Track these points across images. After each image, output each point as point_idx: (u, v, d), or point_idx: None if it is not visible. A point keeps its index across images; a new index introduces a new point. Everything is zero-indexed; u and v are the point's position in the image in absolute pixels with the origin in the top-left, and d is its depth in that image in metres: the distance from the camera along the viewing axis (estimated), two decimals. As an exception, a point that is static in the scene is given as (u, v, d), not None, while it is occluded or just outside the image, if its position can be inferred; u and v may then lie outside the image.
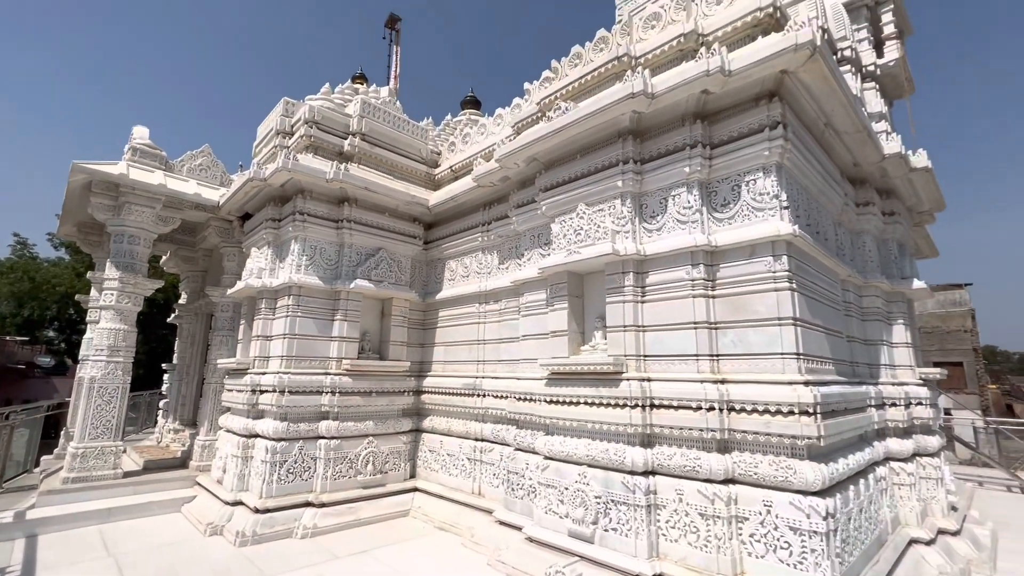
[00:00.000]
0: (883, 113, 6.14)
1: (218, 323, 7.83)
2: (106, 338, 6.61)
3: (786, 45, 3.59)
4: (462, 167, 7.23)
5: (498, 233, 6.32)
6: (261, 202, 6.80)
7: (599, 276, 4.83)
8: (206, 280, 9.44)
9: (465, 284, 6.76)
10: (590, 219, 4.76)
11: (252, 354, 6.37)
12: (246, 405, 6.02)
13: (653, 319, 4.32)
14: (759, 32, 4.26)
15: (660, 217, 4.48)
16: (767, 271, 3.83)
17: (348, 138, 6.95)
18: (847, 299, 5.13)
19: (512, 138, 5.92)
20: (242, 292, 6.65)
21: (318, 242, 6.37)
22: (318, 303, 6.26)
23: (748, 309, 3.89)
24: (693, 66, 4.02)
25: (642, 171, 4.59)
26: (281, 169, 5.87)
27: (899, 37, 6.55)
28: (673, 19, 4.78)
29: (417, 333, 7.27)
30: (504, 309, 6.10)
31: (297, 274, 6.12)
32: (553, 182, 5.20)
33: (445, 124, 10.07)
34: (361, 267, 6.52)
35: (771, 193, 3.94)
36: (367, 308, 6.74)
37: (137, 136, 7.58)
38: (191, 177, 7.69)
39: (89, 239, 8.76)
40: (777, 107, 3.94)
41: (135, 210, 6.79)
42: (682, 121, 4.41)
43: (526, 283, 5.51)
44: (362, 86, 8.50)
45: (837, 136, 4.75)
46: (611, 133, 4.72)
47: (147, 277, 6.99)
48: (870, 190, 5.58)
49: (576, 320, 4.98)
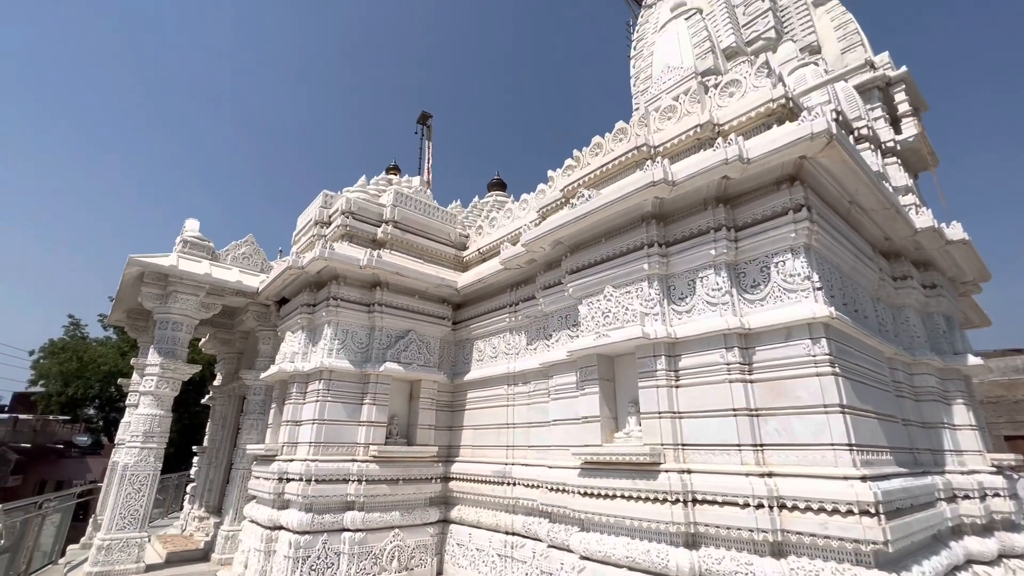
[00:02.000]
0: (909, 187, 6.12)
1: (250, 406, 7.91)
2: (143, 424, 6.74)
3: (802, 134, 3.69)
4: (489, 249, 7.44)
5: (525, 314, 6.35)
6: (298, 288, 7.09)
7: (630, 359, 4.73)
8: (241, 362, 9.68)
9: (493, 365, 6.72)
10: (617, 301, 4.76)
11: (281, 440, 6.35)
12: (272, 494, 5.91)
13: (689, 405, 4.14)
14: (773, 121, 4.41)
15: (689, 299, 4.44)
16: (806, 354, 3.68)
17: (381, 226, 7.32)
18: (896, 379, 4.84)
19: (537, 223, 6.12)
20: (275, 376, 6.76)
21: (350, 326, 6.52)
22: (348, 387, 6.29)
23: (790, 395, 3.70)
24: (711, 155, 4.15)
25: (667, 254, 4.63)
26: (318, 258, 6.16)
27: (915, 114, 6.68)
28: (688, 111, 5.02)
29: (445, 415, 7.15)
30: (533, 391, 5.99)
31: (329, 358, 6.22)
32: (579, 265, 5.28)
33: (473, 205, 10.54)
34: (391, 350, 6.59)
35: (802, 274, 3.88)
36: (396, 391, 6.72)
37: (188, 228, 8.18)
38: (234, 265, 8.15)
39: (136, 324, 9.22)
40: (799, 190, 3.99)
41: (181, 298, 7.18)
42: (704, 205, 4.49)
43: (555, 365, 5.43)
44: (395, 176, 9.08)
45: (864, 213, 4.73)
46: (634, 217, 4.83)
47: (186, 362, 7.23)
48: (906, 263, 5.44)
49: (608, 405, 4.83)
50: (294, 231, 8.35)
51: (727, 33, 7.98)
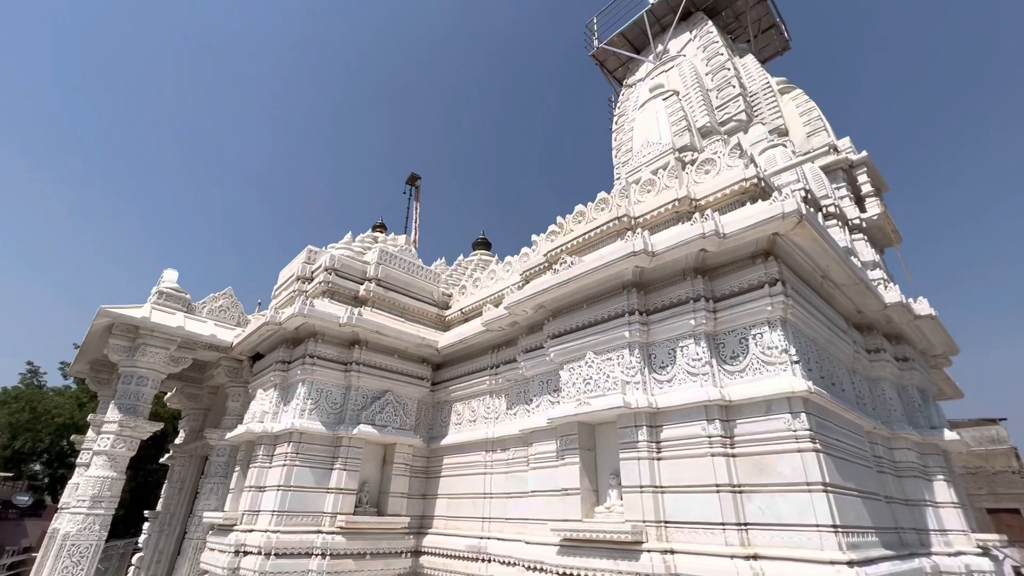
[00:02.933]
0: (876, 262, 6.40)
1: (211, 468, 7.45)
2: (92, 487, 6.27)
3: (774, 213, 3.87)
4: (472, 310, 7.43)
5: (506, 377, 6.26)
6: (274, 344, 6.92)
7: (611, 428, 4.64)
8: (207, 420, 9.22)
9: (472, 430, 6.52)
10: (599, 368, 4.73)
11: (242, 507, 5.94)
12: (225, 570, 5.44)
13: (671, 479, 4.03)
14: (747, 198, 4.64)
15: (670, 368, 4.44)
16: (787, 429, 3.66)
17: (364, 283, 7.30)
18: (876, 453, 4.82)
19: (520, 285, 6.18)
20: (241, 436, 6.43)
21: (325, 385, 6.32)
22: (318, 450, 6.00)
23: (772, 471, 3.64)
24: (689, 228, 4.31)
25: (648, 322, 4.67)
26: (297, 314, 6.06)
27: (877, 194, 7.11)
28: (667, 185, 5.26)
29: (420, 483, 6.82)
30: (512, 459, 5.78)
31: (300, 419, 5.97)
32: (561, 329, 5.28)
33: (457, 264, 10.63)
34: (366, 411, 6.37)
35: (779, 347, 3.93)
36: (369, 455, 6.43)
37: (166, 279, 8.03)
38: (210, 318, 7.96)
39: (99, 377, 8.79)
40: (773, 265, 4.13)
41: (150, 351, 6.92)
42: (683, 276, 4.60)
43: (535, 432, 5.29)
44: (382, 234, 9.17)
45: (836, 287, 4.89)
46: (616, 285, 4.91)
47: (148, 419, 6.86)
48: (878, 336, 5.58)
49: (589, 476, 4.67)
50: (275, 285, 8.26)
51: (702, 114, 8.54)
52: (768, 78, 9.17)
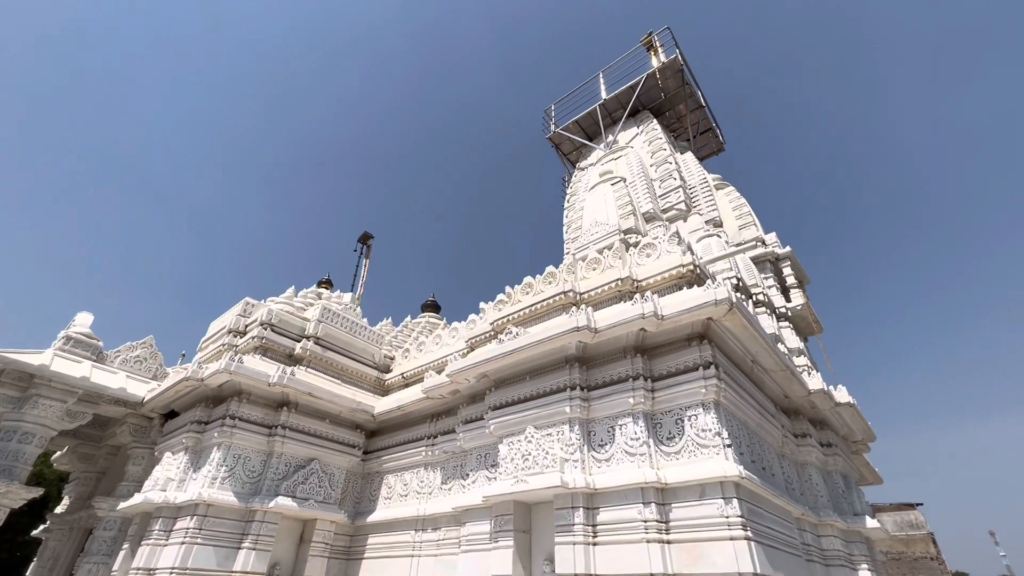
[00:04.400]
0: (801, 349, 6.84)
1: (94, 544, 6.47)
2: (-65, 567, 5.23)
3: (708, 299, 4.10)
4: (413, 375, 7.21)
5: (444, 448, 5.98)
6: (192, 401, 6.35)
7: (548, 508, 4.47)
8: (99, 486, 8.13)
9: (403, 506, 6.08)
10: (538, 444, 4.62)
11: (123, 594, 5.12)
12: (90, 674, 4.57)
13: (607, 566, 3.87)
14: (684, 283, 4.91)
15: (609, 447, 4.41)
16: (719, 515, 3.65)
17: (302, 341, 6.97)
18: (805, 541, 4.88)
19: (465, 353, 6.09)
20: (137, 507, 5.67)
21: (243, 450, 5.79)
22: (226, 526, 5.37)
23: (706, 560, 3.58)
24: (630, 308, 4.47)
25: (589, 398, 4.68)
26: (222, 371, 5.64)
27: (800, 286, 7.74)
28: (611, 264, 5.50)
29: (339, 565, 6.19)
30: (443, 540, 5.40)
31: (210, 488, 5.37)
32: (502, 401, 5.19)
33: (404, 325, 10.42)
34: (287, 481, 5.84)
35: (712, 430, 4.02)
36: (284, 532, 5.82)
37: (78, 323, 7.34)
38: (123, 369, 7.25)
39: (-26, 430, 7.65)
40: (708, 348, 4.31)
41: (42, 404, 6.15)
42: (624, 353, 4.70)
43: (469, 511, 5.00)
44: (326, 290, 8.92)
45: (765, 372, 5.15)
46: (559, 359, 4.94)
47: (25, 484, 5.96)
48: (804, 422, 5.84)
49: (523, 561, 4.41)
50: (203, 337, 7.73)
51: (646, 200, 9.18)
52: (705, 174, 10.08)
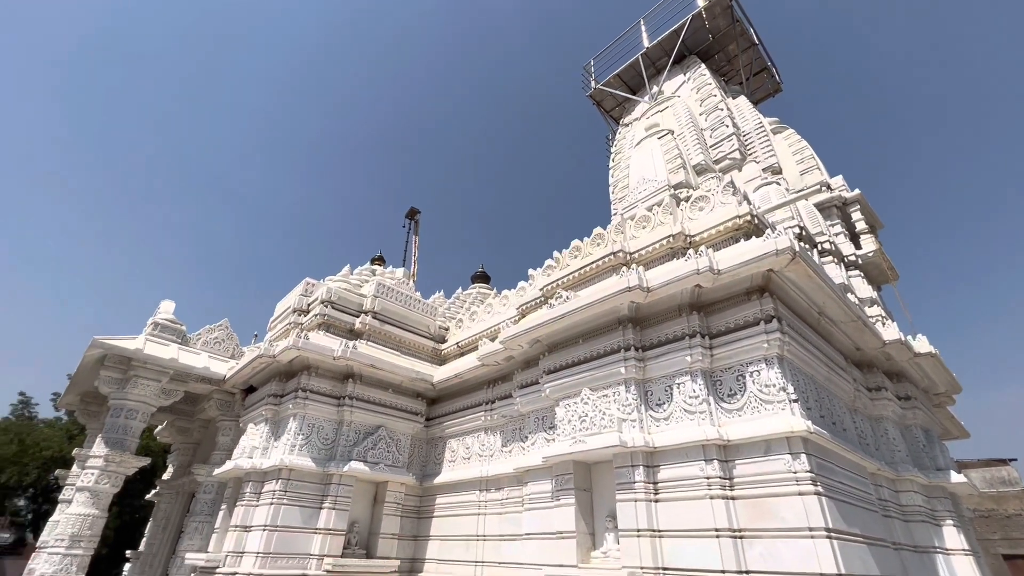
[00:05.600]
0: (874, 299, 6.39)
1: (197, 506, 7.22)
2: (71, 525, 6.06)
3: (768, 250, 3.88)
4: (468, 344, 7.38)
5: (502, 413, 6.14)
6: (266, 377, 6.83)
7: (607, 467, 4.52)
8: (196, 455, 9.01)
9: (466, 468, 6.35)
10: (595, 405, 4.64)
11: (226, 548, 5.72)
12: (206, 616, 5.20)
13: (669, 522, 3.89)
14: (741, 235, 4.67)
15: (667, 406, 4.36)
16: (787, 471, 3.55)
17: (360, 316, 7.27)
18: (882, 496, 4.67)
19: (517, 320, 6.14)
20: (229, 473, 6.26)
21: (317, 420, 6.20)
22: (307, 488, 5.83)
23: (774, 515, 3.51)
24: (683, 264, 4.31)
25: (644, 358, 4.62)
26: (291, 347, 6.01)
27: (871, 232, 7.17)
28: (661, 221, 5.31)
29: (411, 523, 6.59)
30: (506, 499, 5.61)
31: (290, 455, 5.82)
32: (556, 365, 5.22)
33: (456, 297, 10.62)
34: (358, 447, 6.23)
35: (776, 385, 3.87)
36: (359, 493, 6.24)
37: (162, 310, 8.00)
38: (204, 350, 7.88)
39: (88, 409, 8.64)
40: (769, 302, 4.11)
41: (140, 383, 6.82)
42: (679, 312, 4.58)
43: (530, 471, 5.15)
44: (380, 267, 9.20)
45: (834, 324, 4.86)
46: (611, 320, 4.88)
47: (135, 454, 6.69)
48: (879, 374, 5.50)
49: (585, 518, 4.52)
50: (271, 317, 8.23)
51: (696, 152, 8.71)
52: (760, 118, 9.40)
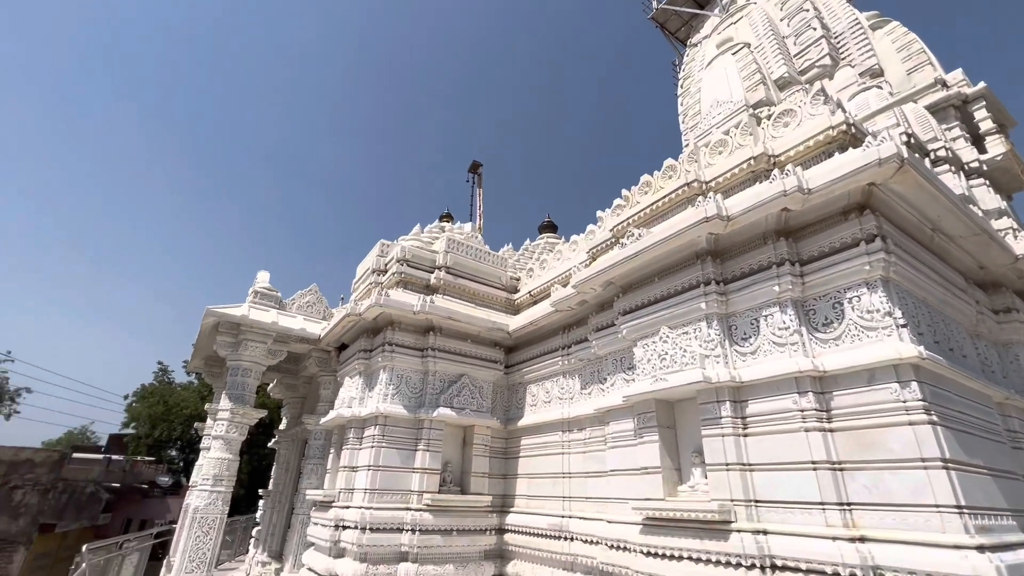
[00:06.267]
0: (1003, 209, 5.54)
1: (310, 451, 8.11)
2: (212, 467, 7.05)
3: (869, 160, 3.45)
4: (540, 292, 7.41)
5: (579, 357, 6.18)
6: (356, 334, 7.34)
7: (691, 404, 4.44)
8: (304, 407, 10.03)
9: (547, 410, 6.53)
10: (675, 343, 4.52)
11: (338, 486, 6.41)
12: (328, 542, 5.92)
13: (760, 456, 3.78)
14: (835, 148, 4.17)
15: (753, 339, 4.14)
16: (894, 400, 3.28)
17: (434, 272, 7.50)
18: (1011, 427, 4.20)
19: (587, 263, 6.04)
20: (333, 421, 6.92)
21: (404, 371, 6.61)
22: (402, 433, 6.30)
23: (880, 446, 3.29)
24: (768, 187, 3.96)
25: (726, 292, 4.38)
26: (374, 305, 6.37)
27: (1001, 131, 6.12)
28: (740, 144, 4.87)
29: (499, 463, 6.97)
30: (589, 439, 5.73)
31: (384, 403, 6.30)
32: (632, 305, 5.11)
33: (524, 249, 10.63)
34: (444, 394, 6.59)
35: (881, 310, 3.52)
36: (449, 436, 6.66)
37: (259, 280, 8.77)
38: (299, 313, 8.59)
39: (212, 371, 9.84)
40: (870, 220, 3.69)
41: (250, 346, 7.61)
42: (764, 239, 4.25)
43: (611, 411, 5.19)
44: (448, 224, 9.37)
45: (950, 241, 4.29)
46: (688, 255, 4.65)
47: (253, 407, 7.57)
48: (1008, 295, 4.84)
49: (670, 454, 4.51)
50: (353, 279, 8.73)
51: (778, 64, 7.79)
52: (856, 14, 8.16)
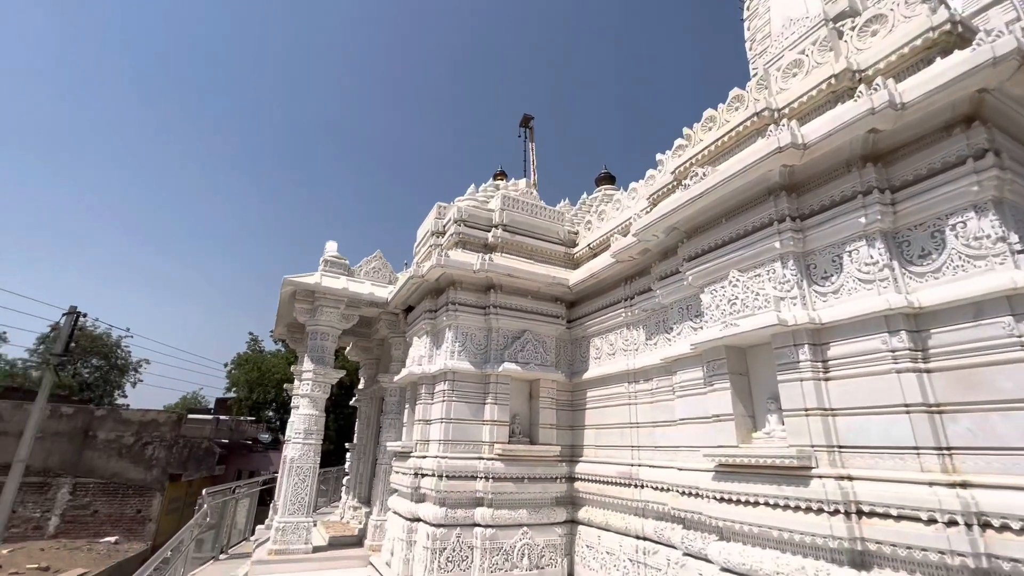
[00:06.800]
0: None
1: (387, 407, 8.64)
2: (302, 422, 7.71)
3: (981, 60, 2.96)
4: (599, 244, 7.24)
5: (642, 307, 6.04)
6: (420, 296, 7.58)
7: (765, 350, 4.22)
8: (379, 367, 10.64)
9: (611, 363, 6.49)
10: (745, 286, 4.28)
11: (415, 437, 6.81)
12: (410, 488, 6.36)
13: (844, 400, 3.56)
14: (935, 53, 3.62)
15: (835, 277, 3.83)
16: (1006, 335, 2.93)
17: (492, 230, 7.51)
18: None
19: (648, 211, 5.79)
20: (405, 379, 7.29)
21: (468, 328, 6.78)
22: (470, 387, 6.53)
23: (987, 387, 2.97)
24: (852, 106, 3.54)
25: (803, 228, 4.05)
26: (435, 266, 6.52)
27: None
28: (818, 62, 4.36)
29: (566, 415, 7.08)
30: (656, 389, 5.65)
31: (451, 360, 6.53)
32: (697, 250, 4.87)
33: (581, 203, 10.36)
34: (508, 350, 6.72)
35: (992, 236, 3.11)
36: (516, 390, 6.82)
37: (328, 250, 9.22)
38: (367, 279, 8.99)
39: (294, 337, 10.62)
40: (980, 133, 3.21)
41: (325, 311, 8.09)
42: (847, 167, 3.84)
43: (678, 360, 5.06)
44: (502, 181, 9.28)
45: (1083, 151, 3.66)
46: (759, 192, 4.31)
47: (333, 368, 8.13)
48: None
49: (743, 401, 4.36)
50: (415, 243, 8.96)
51: (864, -33, 6.81)
52: None
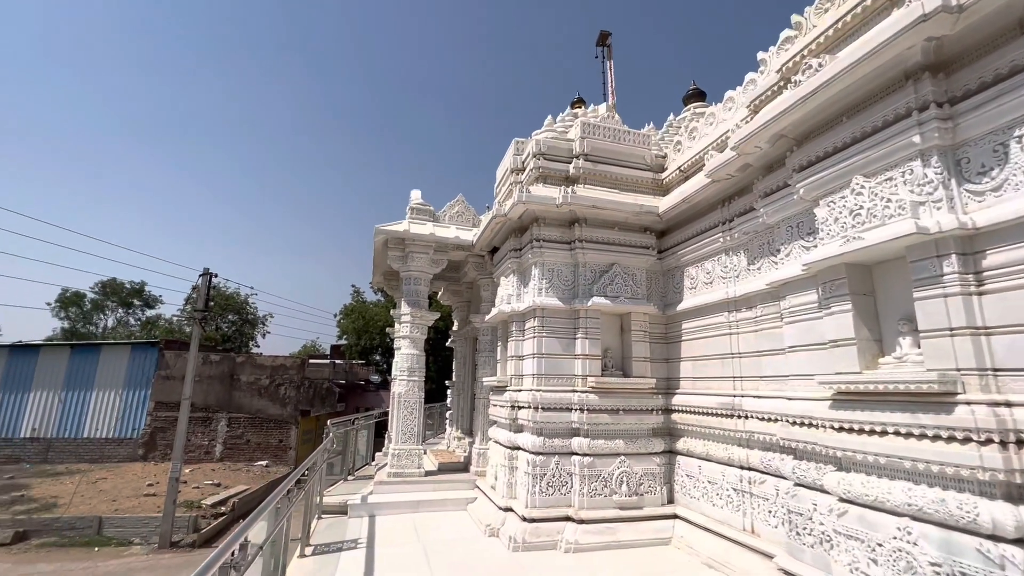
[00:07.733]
0: None
1: (481, 345, 8.99)
2: (405, 361, 8.29)
3: None
4: (691, 165, 6.65)
5: (743, 230, 5.52)
6: (504, 235, 7.58)
7: (897, 265, 3.69)
8: (470, 309, 11.02)
9: (709, 292, 6.11)
10: (872, 193, 3.70)
11: (509, 373, 7.05)
12: (508, 420, 6.66)
13: (1003, 317, 3.02)
14: None
15: (997, 171, 3.16)
16: None
17: (573, 161, 7.19)
18: None
19: (748, 120, 5.14)
20: (496, 318, 7.47)
21: (554, 265, 6.70)
22: (560, 323, 6.53)
23: None
24: (1034, -57, 2.74)
25: (953, 115, 3.34)
26: (517, 203, 6.42)
27: None
28: None
29: (660, 348, 6.88)
30: (760, 316, 5.24)
31: (539, 297, 6.53)
32: (811, 158, 4.26)
33: (668, 125, 9.54)
34: (596, 284, 6.57)
35: None
36: (606, 325, 6.72)
37: (413, 198, 9.44)
38: (452, 223, 9.15)
39: (390, 284, 11.27)
40: None
41: (416, 257, 8.42)
42: (1019, 29, 3.05)
43: (787, 284, 4.61)
44: (580, 109, 8.76)
45: None
46: (894, 77, 3.60)
47: (428, 310, 8.54)
48: None
49: (867, 324, 3.89)
50: (495, 184, 8.88)
51: None
52: None
